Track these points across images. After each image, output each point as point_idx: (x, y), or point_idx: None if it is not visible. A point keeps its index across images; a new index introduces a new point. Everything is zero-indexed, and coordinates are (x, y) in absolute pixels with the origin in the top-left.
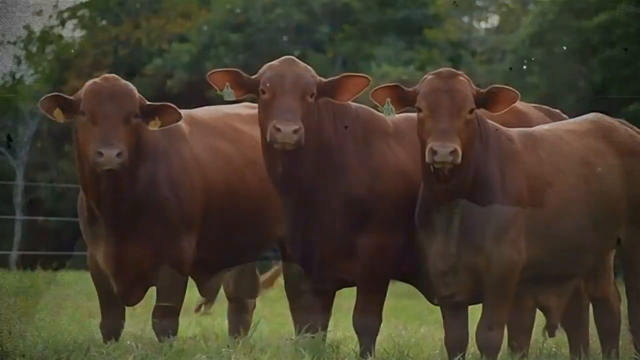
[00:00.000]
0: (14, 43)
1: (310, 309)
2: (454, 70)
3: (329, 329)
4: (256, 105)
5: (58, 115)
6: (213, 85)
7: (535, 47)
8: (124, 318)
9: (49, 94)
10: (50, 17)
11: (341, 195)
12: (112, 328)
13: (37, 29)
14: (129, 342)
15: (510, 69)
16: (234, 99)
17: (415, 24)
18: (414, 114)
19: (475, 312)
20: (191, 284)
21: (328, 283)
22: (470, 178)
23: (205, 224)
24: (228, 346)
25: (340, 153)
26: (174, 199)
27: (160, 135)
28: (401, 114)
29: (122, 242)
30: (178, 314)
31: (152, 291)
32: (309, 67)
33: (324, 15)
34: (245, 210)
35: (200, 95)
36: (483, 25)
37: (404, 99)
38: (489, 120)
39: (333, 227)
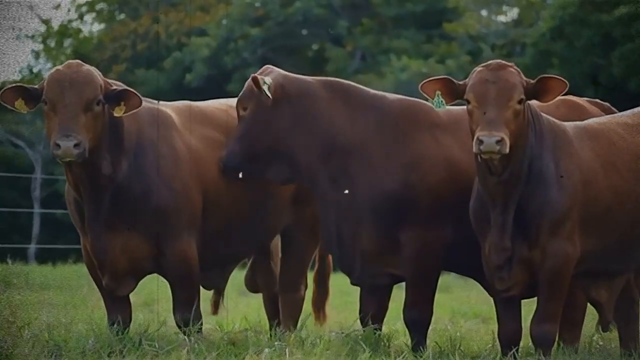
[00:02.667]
0: (32, 37)
1: (364, 303)
2: (503, 61)
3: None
4: None
5: (20, 106)
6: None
7: (556, 40)
8: (130, 309)
9: (9, 86)
10: (69, 11)
11: (374, 189)
12: (119, 322)
13: (55, 23)
14: (180, 336)
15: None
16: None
17: (434, 18)
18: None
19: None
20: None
21: (377, 278)
22: (524, 171)
23: (203, 216)
24: (279, 340)
25: (373, 146)
26: (164, 189)
27: (146, 124)
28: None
29: (107, 233)
30: (196, 306)
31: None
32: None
33: (343, 9)
34: (244, 201)
35: (219, 89)
36: (502, 18)
37: (454, 92)
38: (543, 113)
39: (369, 222)
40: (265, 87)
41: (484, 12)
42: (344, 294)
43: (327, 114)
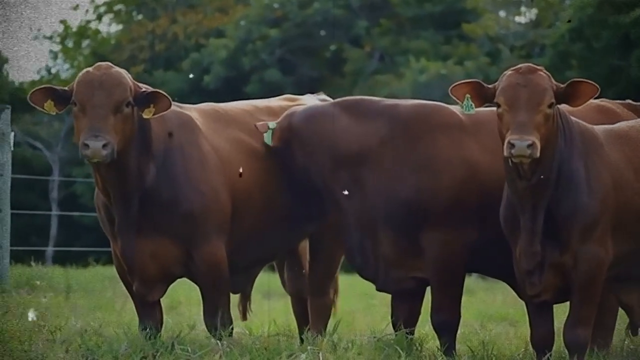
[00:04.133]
0: (50, 38)
1: (395, 308)
2: (533, 65)
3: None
4: (296, 97)
5: (49, 107)
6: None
7: (575, 41)
8: (161, 314)
9: (39, 87)
10: (87, 11)
11: (389, 194)
12: (152, 328)
13: (73, 23)
14: (212, 340)
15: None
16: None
17: (452, 18)
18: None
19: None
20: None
21: (402, 283)
22: (554, 175)
23: (231, 219)
24: (313, 344)
25: (385, 152)
26: (193, 193)
27: (173, 127)
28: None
29: (137, 238)
30: (226, 310)
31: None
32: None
33: (361, 10)
34: (271, 204)
35: (237, 90)
36: (521, 19)
37: (483, 95)
38: (573, 117)
39: (388, 228)
40: (266, 135)
41: (502, 13)
42: (368, 296)
43: (333, 129)
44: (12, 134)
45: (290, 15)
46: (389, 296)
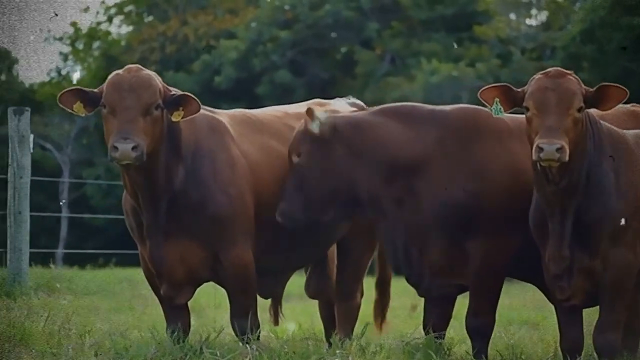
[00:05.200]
0: (60, 39)
1: (428, 312)
2: (562, 69)
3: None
4: (326, 102)
5: (78, 109)
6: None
7: (586, 43)
8: (188, 317)
9: (68, 89)
10: (98, 13)
11: (441, 202)
12: (181, 330)
13: (83, 25)
14: (241, 344)
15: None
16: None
17: (464, 21)
18: None
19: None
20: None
21: (444, 289)
22: (583, 179)
23: (257, 224)
24: (342, 348)
25: (436, 160)
26: (221, 196)
27: (203, 131)
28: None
29: (165, 241)
30: (253, 314)
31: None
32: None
33: (372, 12)
34: None
35: (248, 91)
36: (532, 22)
37: (512, 99)
38: (602, 122)
39: (438, 236)
40: (316, 122)
41: (512, 16)
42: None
43: (384, 139)
44: (32, 136)
45: (301, 17)
46: (407, 299)
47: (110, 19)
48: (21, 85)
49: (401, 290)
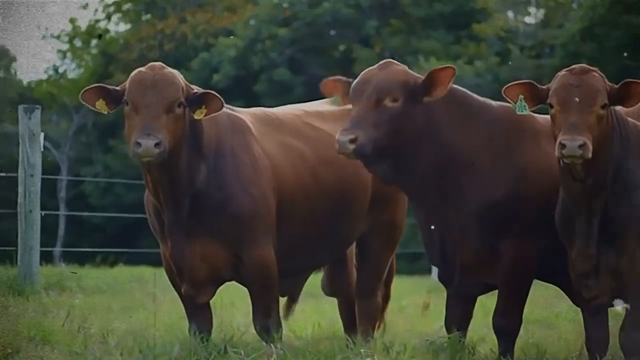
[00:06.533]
0: (58, 37)
1: (450, 311)
2: (587, 66)
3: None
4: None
5: (101, 107)
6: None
7: (585, 41)
8: (210, 316)
9: (91, 86)
10: (96, 11)
11: (484, 202)
12: (204, 330)
13: (81, 22)
14: (265, 344)
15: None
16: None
17: (463, 19)
18: None
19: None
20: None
21: (473, 288)
22: (610, 177)
23: (278, 222)
24: (365, 347)
25: (485, 159)
26: (243, 195)
27: (225, 130)
28: None
29: (187, 240)
30: (275, 313)
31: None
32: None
33: (371, 9)
34: (319, 210)
35: (246, 89)
36: (530, 20)
37: (536, 96)
38: (630, 119)
39: (474, 234)
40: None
41: (510, 14)
42: (398, 298)
43: (447, 125)
44: (42, 134)
45: (299, 15)
46: (419, 298)
47: (108, 17)
48: (19, 83)
49: (410, 288)
